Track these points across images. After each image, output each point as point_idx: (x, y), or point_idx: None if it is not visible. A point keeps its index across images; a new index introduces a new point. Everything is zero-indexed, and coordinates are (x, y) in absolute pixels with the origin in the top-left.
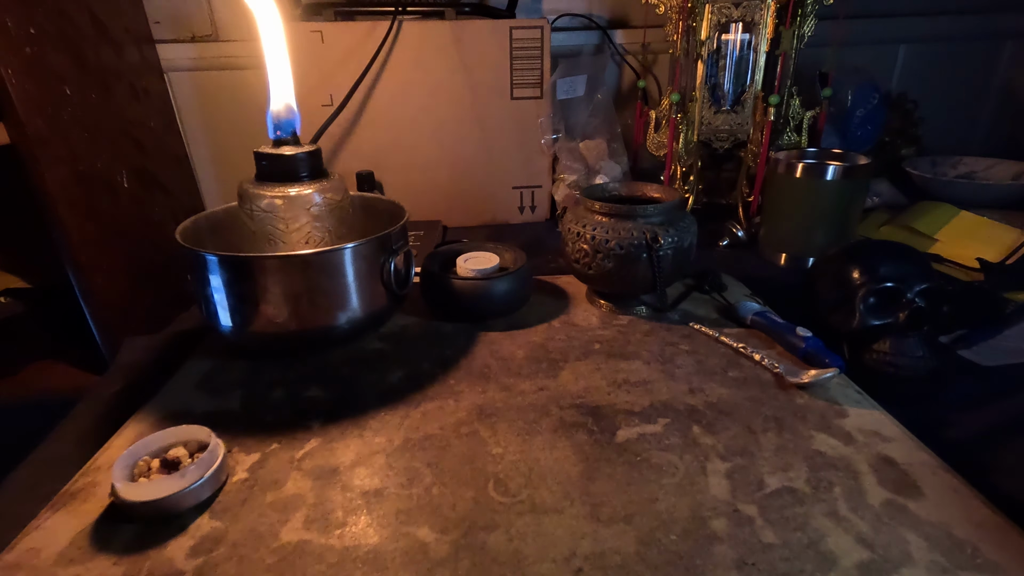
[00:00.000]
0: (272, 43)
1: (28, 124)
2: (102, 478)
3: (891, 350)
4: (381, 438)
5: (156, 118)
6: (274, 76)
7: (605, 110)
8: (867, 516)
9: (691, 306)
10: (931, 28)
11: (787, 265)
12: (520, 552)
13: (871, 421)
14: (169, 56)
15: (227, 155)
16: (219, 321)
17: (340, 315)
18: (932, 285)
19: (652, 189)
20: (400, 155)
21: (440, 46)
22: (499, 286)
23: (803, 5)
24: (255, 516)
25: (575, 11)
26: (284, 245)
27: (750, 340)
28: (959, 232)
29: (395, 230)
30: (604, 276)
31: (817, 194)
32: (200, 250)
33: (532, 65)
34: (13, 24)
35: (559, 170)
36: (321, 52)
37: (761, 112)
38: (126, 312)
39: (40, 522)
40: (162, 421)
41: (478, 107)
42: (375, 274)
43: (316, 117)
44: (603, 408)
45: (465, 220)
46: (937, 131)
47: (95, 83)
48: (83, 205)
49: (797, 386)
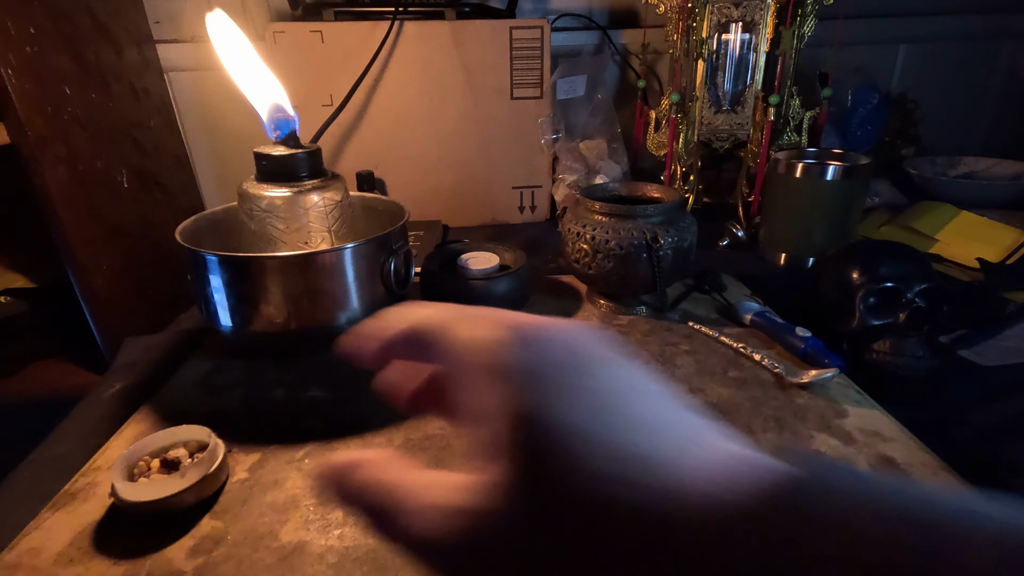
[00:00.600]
0: (237, 58)
1: (28, 124)
2: (102, 478)
3: (891, 350)
4: (381, 438)
5: (156, 118)
6: (256, 88)
7: (605, 110)
8: None
9: (691, 306)
10: (931, 28)
11: (787, 265)
12: None
13: (871, 421)
14: (169, 56)
15: (227, 155)
16: (219, 321)
17: (340, 315)
18: (932, 285)
19: (652, 189)
20: (400, 155)
21: (440, 46)
22: (499, 286)
23: (803, 5)
24: (255, 516)
25: (575, 11)
26: (284, 245)
27: (750, 340)
28: (959, 232)
29: (395, 230)
30: (604, 276)
31: (817, 194)
32: (200, 250)
33: (532, 65)
34: (13, 24)
35: (559, 170)
36: (321, 52)
37: (761, 112)
38: (126, 312)
39: (40, 522)
40: (162, 421)
41: (478, 107)
42: (375, 274)
43: (316, 117)
44: None
45: (465, 220)
46: (937, 131)
47: (95, 83)
48: (83, 205)
49: (797, 386)
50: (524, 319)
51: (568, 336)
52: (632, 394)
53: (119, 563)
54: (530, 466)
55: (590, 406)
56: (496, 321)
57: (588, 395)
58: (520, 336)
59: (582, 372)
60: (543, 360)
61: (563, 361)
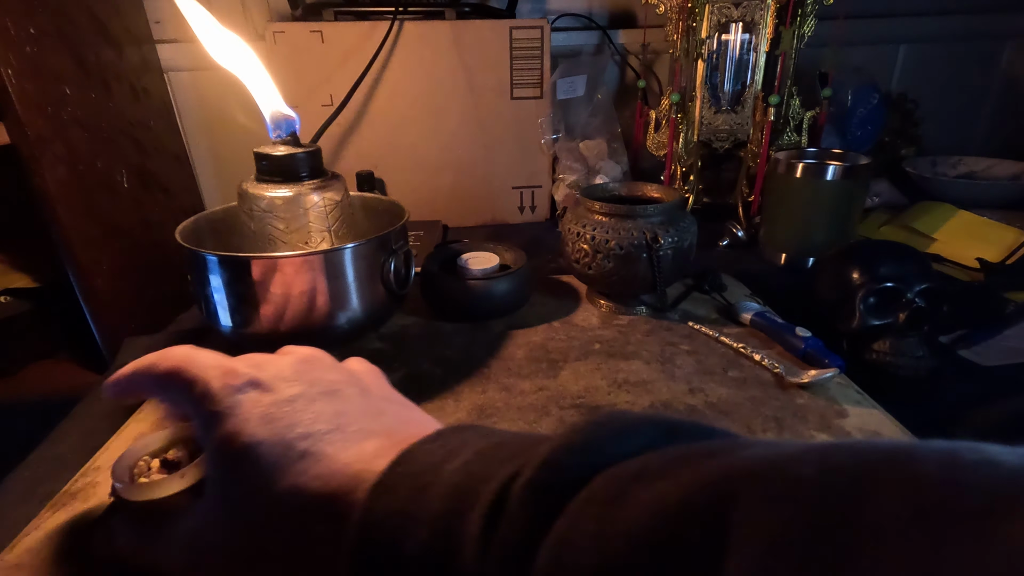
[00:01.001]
0: (236, 59)
1: (28, 124)
2: (102, 478)
3: (891, 350)
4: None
5: (156, 118)
6: (253, 86)
7: (605, 110)
8: None
9: (691, 306)
10: (931, 28)
11: (787, 265)
12: None
13: (871, 421)
14: (169, 56)
15: (227, 155)
16: (219, 321)
17: (340, 315)
18: (932, 285)
19: (652, 189)
20: (400, 155)
21: (440, 46)
22: (499, 286)
23: (803, 5)
24: None
25: (575, 11)
26: (284, 245)
27: (750, 340)
28: (959, 232)
29: (395, 230)
30: (604, 276)
31: (817, 194)
32: (200, 250)
33: (532, 65)
34: (13, 24)
35: (559, 170)
36: (321, 52)
37: (761, 112)
38: (126, 312)
39: (40, 522)
40: (162, 421)
41: (478, 107)
42: (375, 274)
43: (316, 117)
44: (603, 408)
45: (465, 220)
46: (937, 131)
47: (95, 83)
48: (83, 205)
49: (797, 386)
50: (249, 361)
51: (299, 365)
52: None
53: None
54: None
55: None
56: (226, 369)
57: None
58: (250, 380)
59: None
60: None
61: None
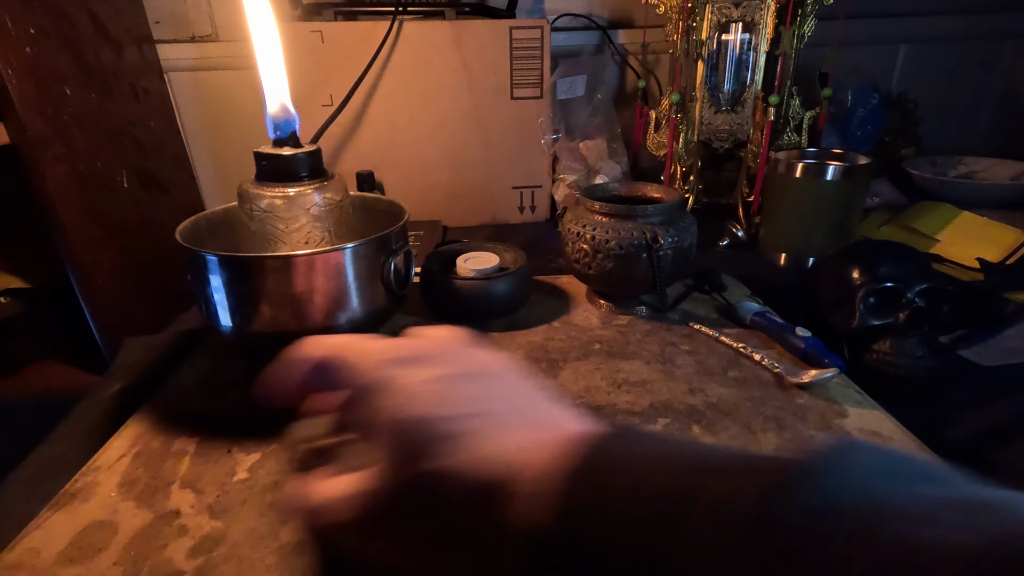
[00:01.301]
0: (266, 44)
1: (28, 124)
2: (102, 478)
3: (891, 350)
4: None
5: (156, 118)
6: (268, 78)
7: (605, 110)
8: None
9: (691, 306)
10: (931, 28)
11: (787, 265)
12: None
13: (871, 421)
14: (169, 56)
15: (227, 155)
16: (219, 321)
17: (340, 315)
18: (932, 285)
19: (652, 189)
20: (400, 155)
21: (440, 46)
22: (499, 286)
23: (803, 5)
24: (255, 516)
25: (575, 11)
26: (284, 245)
27: (750, 340)
28: (959, 232)
29: (395, 230)
30: (604, 276)
31: (817, 194)
32: (200, 250)
33: (532, 65)
34: (13, 24)
35: (559, 170)
36: (321, 52)
37: (761, 112)
38: (126, 312)
39: (40, 522)
40: (162, 421)
41: (478, 107)
42: (375, 274)
43: (316, 117)
44: (603, 408)
45: (465, 220)
46: (937, 131)
47: (95, 83)
48: (83, 205)
49: (797, 386)
50: (396, 341)
51: (440, 347)
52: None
53: (119, 563)
54: (402, 460)
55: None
56: (377, 348)
57: (464, 402)
58: (398, 358)
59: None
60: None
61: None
